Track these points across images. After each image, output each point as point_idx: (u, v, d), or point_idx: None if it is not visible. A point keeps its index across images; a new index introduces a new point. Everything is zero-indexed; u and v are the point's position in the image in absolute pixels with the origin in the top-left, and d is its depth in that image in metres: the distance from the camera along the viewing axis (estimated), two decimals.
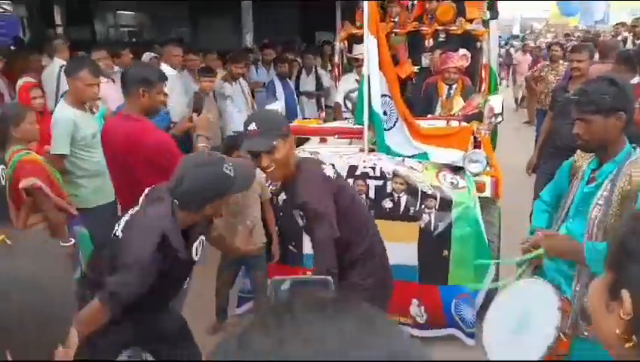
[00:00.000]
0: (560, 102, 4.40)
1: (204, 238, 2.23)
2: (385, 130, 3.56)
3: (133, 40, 14.21)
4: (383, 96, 3.54)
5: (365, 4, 3.35)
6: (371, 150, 3.53)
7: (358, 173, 3.34)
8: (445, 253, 3.30)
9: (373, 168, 3.32)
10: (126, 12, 17.64)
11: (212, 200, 2.02)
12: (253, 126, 2.14)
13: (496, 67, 5.83)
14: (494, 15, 5.69)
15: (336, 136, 3.89)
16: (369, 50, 3.38)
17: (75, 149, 3.47)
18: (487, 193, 3.53)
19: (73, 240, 3.11)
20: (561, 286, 2.08)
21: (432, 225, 3.28)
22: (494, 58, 5.84)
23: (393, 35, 5.50)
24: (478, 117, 4.22)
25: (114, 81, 5.01)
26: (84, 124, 3.46)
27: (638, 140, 2.08)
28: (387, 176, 3.30)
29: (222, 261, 3.55)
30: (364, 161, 3.35)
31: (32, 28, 13.65)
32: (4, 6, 15.30)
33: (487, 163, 3.54)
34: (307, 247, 3.29)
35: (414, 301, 3.41)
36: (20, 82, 5.29)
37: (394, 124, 3.60)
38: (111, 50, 5.73)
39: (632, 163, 1.96)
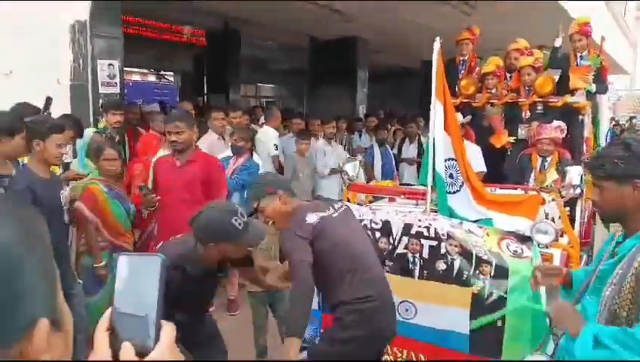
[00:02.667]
0: None
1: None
2: (450, 193, 3.57)
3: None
4: (450, 160, 3.58)
5: (433, 70, 3.49)
6: (435, 211, 3.54)
7: (413, 231, 3.36)
8: (499, 323, 3.14)
9: (428, 228, 3.33)
10: (264, 84, 19.54)
11: (215, 240, 2.31)
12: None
13: (602, 143, 5.51)
14: (602, 89, 5.44)
15: (404, 196, 3.95)
16: (435, 113, 3.48)
17: None
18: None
19: (104, 262, 3.59)
20: None
21: (486, 291, 3.16)
22: (602, 133, 5.54)
23: (489, 105, 5.50)
24: (558, 192, 4.02)
25: (224, 139, 5.63)
26: None
27: None
28: (441, 237, 3.28)
29: (250, 299, 3.73)
30: (419, 221, 3.37)
31: (184, 95, 15.57)
32: (167, 77, 17.76)
33: (558, 234, 3.36)
34: None
35: None
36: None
37: (459, 188, 3.60)
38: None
39: None
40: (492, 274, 3.17)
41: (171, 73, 17.58)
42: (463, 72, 6.09)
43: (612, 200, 1.82)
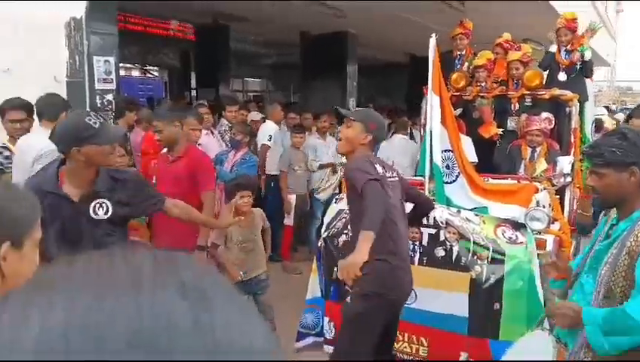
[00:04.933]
0: None
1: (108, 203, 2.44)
2: (446, 183, 3.72)
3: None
4: (446, 151, 3.72)
5: (430, 65, 3.62)
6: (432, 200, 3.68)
7: None
8: (497, 306, 3.30)
9: (427, 217, 3.47)
10: (252, 79, 19.56)
11: (75, 143, 2.29)
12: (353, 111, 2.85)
13: (589, 130, 5.71)
14: (587, 73, 5.63)
15: None
16: (432, 107, 3.62)
17: None
18: (548, 251, 3.49)
19: None
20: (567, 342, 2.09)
21: (484, 276, 3.32)
22: (588, 123, 5.73)
23: (479, 98, 5.65)
24: (549, 180, 4.20)
25: (212, 133, 5.71)
26: None
27: None
28: (440, 224, 3.43)
29: None
30: None
31: (172, 90, 15.54)
32: (152, 72, 17.70)
33: (550, 221, 3.52)
34: None
35: (463, 354, 3.40)
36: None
37: (455, 178, 3.75)
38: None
39: None
40: (489, 259, 3.32)
41: (156, 68, 17.54)
42: (459, 66, 6.22)
43: (610, 186, 1.96)
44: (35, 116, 3.84)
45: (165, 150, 4.11)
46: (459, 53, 6.28)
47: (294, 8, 8.09)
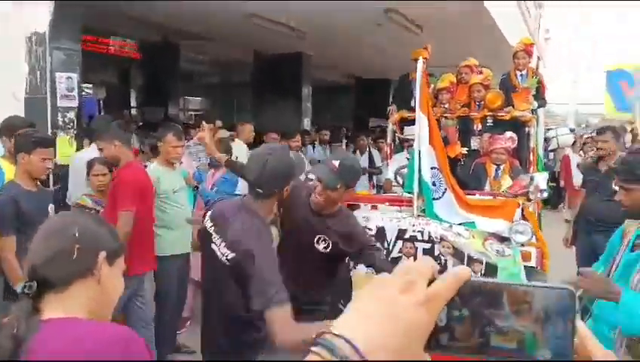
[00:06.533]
0: (591, 180, 4.66)
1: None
2: (433, 199, 3.84)
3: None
4: (433, 168, 3.85)
5: (417, 86, 3.76)
6: (420, 216, 3.79)
7: (407, 236, 3.59)
8: None
9: (422, 232, 3.57)
10: (194, 98, 19.22)
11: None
12: (336, 164, 2.64)
13: (541, 151, 6.09)
14: (542, 103, 6.02)
15: (387, 204, 4.18)
16: (420, 126, 3.75)
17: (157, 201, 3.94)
18: (533, 263, 3.68)
19: None
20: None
21: None
22: (540, 143, 6.12)
23: (444, 118, 5.90)
24: (525, 195, 4.44)
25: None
26: (167, 180, 3.96)
27: None
28: (435, 240, 3.54)
29: None
30: (413, 225, 3.61)
31: (109, 108, 15.01)
32: (86, 90, 17.00)
33: (533, 234, 3.72)
34: None
35: None
36: None
37: (442, 194, 3.88)
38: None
39: None
40: (482, 271, 3.46)
41: (90, 85, 16.88)
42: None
43: (637, 200, 2.13)
44: None
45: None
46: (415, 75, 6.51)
47: (251, 27, 8.12)
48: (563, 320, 0.48)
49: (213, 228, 2.24)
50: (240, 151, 5.95)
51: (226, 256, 2.14)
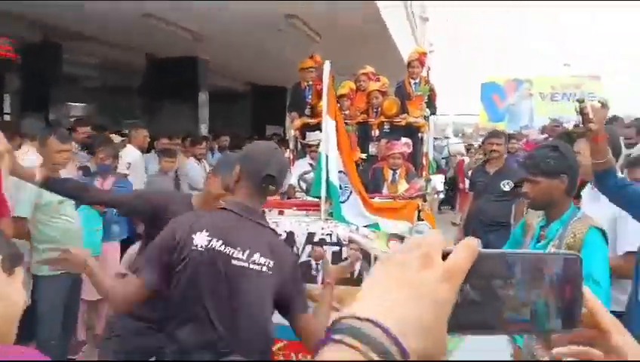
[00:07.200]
0: (480, 182, 5.03)
1: None
2: (340, 202, 3.91)
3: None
4: (340, 172, 3.93)
5: (324, 90, 3.81)
6: (328, 220, 3.84)
7: (316, 239, 3.62)
8: None
9: (330, 235, 3.62)
10: (77, 104, 18.00)
11: None
12: None
13: (432, 155, 6.47)
14: (433, 111, 6.39)
15: (294, 208, 4.19)
16: (328, 131, 3.81)
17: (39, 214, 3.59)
18: None
19: None
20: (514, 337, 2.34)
21: None
22: (431, 148, 6.49)
23: (345, 124, 6.04)
24: (422, 197, 4.68)
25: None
26: None
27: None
28: (343, 242, 3.60)
29: None
30: (322, 228, 3.65)
31: None
32: None
33: None
34: None
35: None
36: None
37: (347, 198, 3.96)
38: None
39: (576, 221, 2.22)
40: None
41: None
42: (310, 96, 6.52)
43: (543, 192, 2.27)
44: None
45: None
46: (306, 84, 6.54)
47: (143, 28, 7.78)
48: (571, 286, 0.49)
49: (224, 245, 1.97)
50: (132, 156, 5.66)
51: (267, 265, 1.98)
